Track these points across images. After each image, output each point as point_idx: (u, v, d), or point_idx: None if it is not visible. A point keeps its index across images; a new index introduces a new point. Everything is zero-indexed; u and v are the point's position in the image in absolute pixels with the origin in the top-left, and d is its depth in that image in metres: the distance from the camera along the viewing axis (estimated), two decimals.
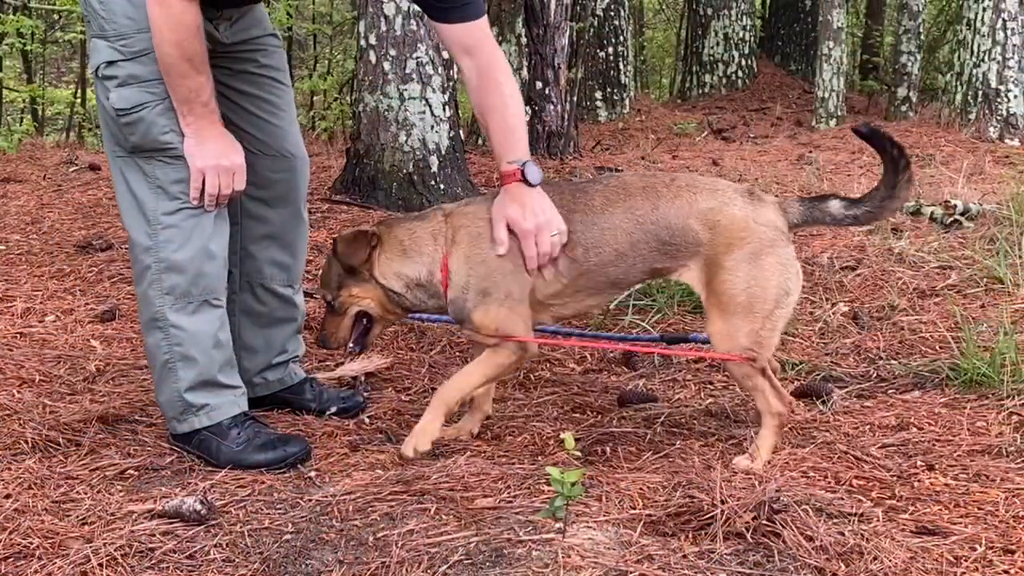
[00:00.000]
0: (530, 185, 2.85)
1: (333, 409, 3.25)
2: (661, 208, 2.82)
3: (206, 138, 2.79)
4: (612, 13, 11.27)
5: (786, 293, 2.79)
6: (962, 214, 5.22)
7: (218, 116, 2.81)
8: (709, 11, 12.95)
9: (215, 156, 2.79)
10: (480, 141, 7.67)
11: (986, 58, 9.39)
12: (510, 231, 2.84)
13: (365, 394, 3.43)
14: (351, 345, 3.02)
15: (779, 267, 2.78)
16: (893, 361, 3.65)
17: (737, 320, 2.77)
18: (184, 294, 2.83)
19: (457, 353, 3.83)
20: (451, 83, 6.07)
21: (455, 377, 2.91)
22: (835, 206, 2.83)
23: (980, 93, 9.40)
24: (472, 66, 2.98)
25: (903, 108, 10.99)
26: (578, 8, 8.02)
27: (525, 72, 7.57)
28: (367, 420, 3.24)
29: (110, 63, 2.80)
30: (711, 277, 2.80)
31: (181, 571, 2.27)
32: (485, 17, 3.02)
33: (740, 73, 12.96)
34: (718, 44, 12.93)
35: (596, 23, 11.01)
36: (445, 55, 5.98)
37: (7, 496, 2.58)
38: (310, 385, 3.32)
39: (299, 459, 2.83)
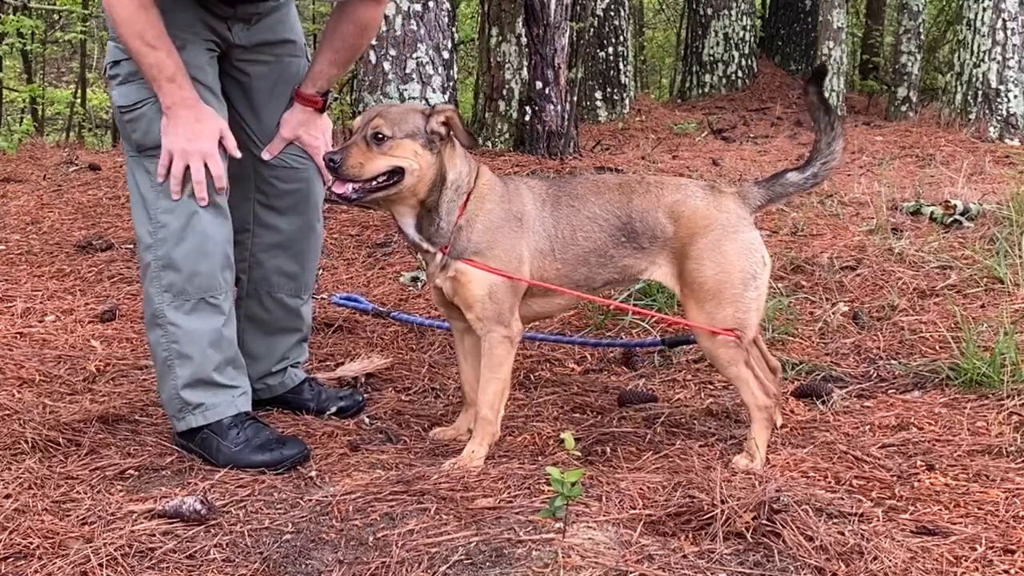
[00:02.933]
0: (322, 113, 3.10)
1: (332, 409, 3.25)
2: (634, 201, 2.93)
3: (179, 119, 2.78)
4: (612, 13, 11.26)
5: (753, 276, 2.86)
6: (962, 214, 5.22)
7: (191, 95, 2.78)
8: (709, 11, 12.94)
9: (184, 139, 2.77)
10: (480, 141, 7.66)
11: (986, 58, 9.39)
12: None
13: (365, 394, 3.43)
14: (355, 188, 2.77)
15: (742, 252, 2.86)
16: (893, 361, 3.65)
17: (710, 307, 2.84)
18: (181, 292, 2.84)
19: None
20: (451, 83, 6.07)
21: (480, 402, 2.88)
22: (793, 177, 2.97)
23: (980, 93, 9.39)
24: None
25: (903, 108, 10.98)
26: (578, 8, 8.01)
27: (525, 72, 7.57)
28: (367, 420, 3.24)
29: (115, 62, 2.86)
30: (680, 269, 2.88)
31: (181, 571, 2.27)
32: None
33: (740, 73, 12.94)
34: (718, 44, 12.92)
35: (596, 23, 10.99)
36: (445, 55, 5.98)
37: (7, 496, 2.58)
38: (309, 385, 3.33)
39: (296, 462, 2.83)
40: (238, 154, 2.89)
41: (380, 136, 2.76)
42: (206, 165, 2.80)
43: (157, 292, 2.86)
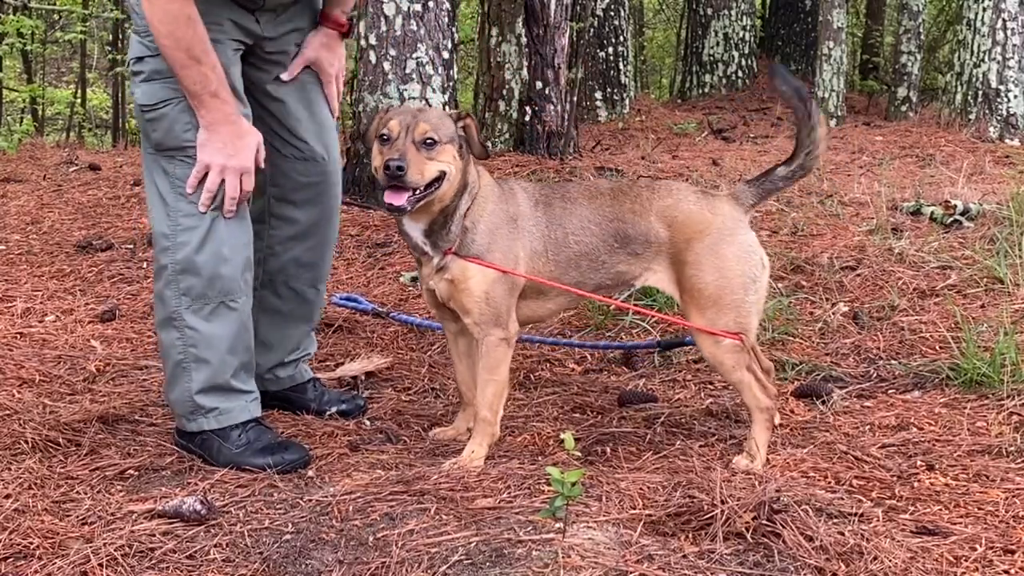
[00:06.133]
0: (345, 39, 3.07)
1: (333, 410, 3.25)
2: (626, 206, 2.93)
3: (219, 134, 2.75)
4: (612, 13, 11.26)
5: (752, 280, 2.86)
6: (962, 214, 5.22)
7: (233, 109, 2.76)
8: (709, 11, 12.93)
9: (224, 155, 2.75)
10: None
11: (986, 58, 9.38)
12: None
13: (365, 395, 3.43)
14: (409, 198, 2.69)
15: (741, 256, 2.86)
16: (893, 361, 3.65)
17: (711, 313, 2.83)
18: (200, 296, 2.81)
19: None
20: (451, 83, 6.06)
21: (479, 402, 2.87)
22: (781, 172, 2.97)
23: (980, 93, 9.39)
24: None
25: (903, 108, 10.98)
26: (578, 8, 8.00)
27: (525, 72, 7.57)
28: (367, 421, 3.24)
29: (139, 59, 2.81)
30: (679, 275, 2.87)
31: (181, 571, 2.27)
32: None
33: (740, 73, 12.94)
34: (718, 44, 12.92)
35: (596, 23, 10.99)
36: (445, 55, 5.98)
37: (7, 496, 2.58)
38: (313, 385, 3.33)
39: (296, 467, 2.82)
40: (263, 165, 2.89)
41: (430, 141, 2.72)
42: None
43: (174, 295, 2.82)
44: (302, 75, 3.06)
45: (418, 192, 2.72)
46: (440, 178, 2.75)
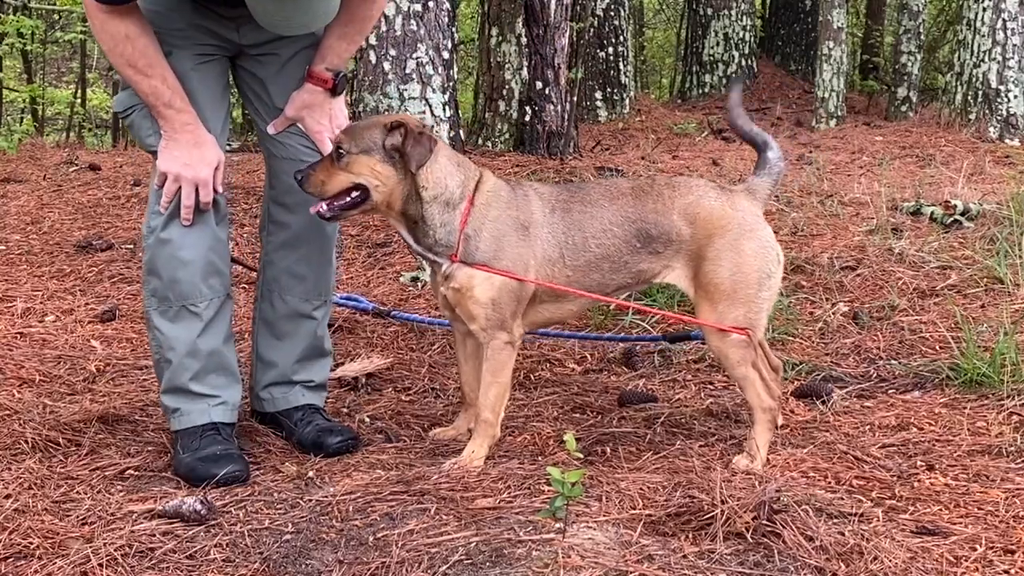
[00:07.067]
0: (334, 95, 2.95)
1: (324, 443, 2.98)
2: (648, 205, 2.91)
3: (177, 143, 2.79)
4: (612, 13, 11.25)
5: (768, 276, 2.86)
6: (962, 214, 5.22)
7: (190, 119, 2.78)
8: (709, 11, 12.93)
9: (179, 164, 2.78)
10: (480, 141, 7.67)
11: (986, 58, 9.39)
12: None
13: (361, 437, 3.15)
14: (328, 207, 2.78)
15: (759, 251, 2.86)
16: (893, 361, 3.65)
17: (723, 307, 2.83)
18: (163, 299, 2.84)
19: None
20: (451, 83, 6.06)
21: (481, 403, 2.86)
22: (771, 155, 3.04)
23: (980, 93, 9.39)
24: None
25: (903, 108, 10.98)
26: (578, 8, 8.01)
27: (525, 72, 7.57)
28: (367, 420, 3.24)
29: None
30: (696, 271, 2.87)
31: (181, 571, 2.27)
32: None
33: (740, 73, 12.93)
34: (718, 44, 12.91)
35: (596, 23, 10.98)
36: (445, 55, 5.98)
37: (7, 496, 2.58)
38: (306, 411, 3.11)
39: (222, 482, 2.69)
40: (220, 190, 2.87)
41: (339, 152, 2.75)
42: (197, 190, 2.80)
43: (147, 295, 2.88)
44: (291, 70, 2.98)
45: (336, 203, 2.77)
46: (360, 189, 2.75)
